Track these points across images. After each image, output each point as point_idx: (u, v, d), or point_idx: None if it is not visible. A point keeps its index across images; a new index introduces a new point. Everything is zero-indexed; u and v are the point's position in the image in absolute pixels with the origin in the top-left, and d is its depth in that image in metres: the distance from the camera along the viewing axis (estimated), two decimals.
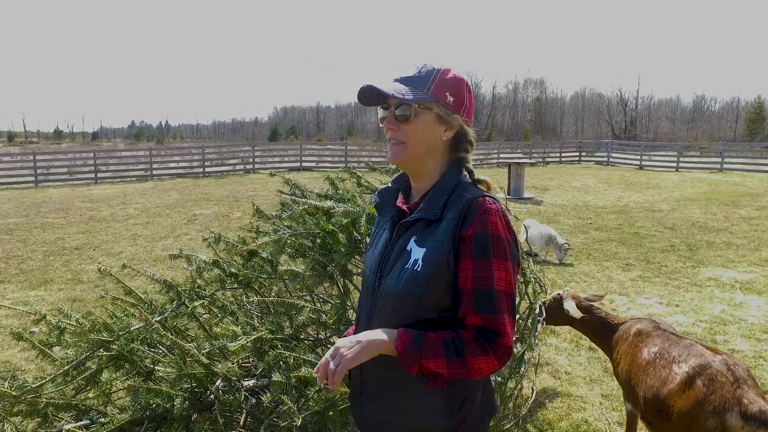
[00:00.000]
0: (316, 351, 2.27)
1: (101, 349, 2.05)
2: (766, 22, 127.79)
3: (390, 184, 1.49)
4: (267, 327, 2.04)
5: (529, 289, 3.38)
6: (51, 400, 1.96)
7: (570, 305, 3.16)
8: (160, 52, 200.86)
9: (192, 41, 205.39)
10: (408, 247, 1.30)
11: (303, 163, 23.15)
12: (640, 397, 2.56)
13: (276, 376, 1.74)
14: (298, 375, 1.78)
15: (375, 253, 1.41)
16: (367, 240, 2.45)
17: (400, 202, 1.43)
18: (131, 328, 2.09)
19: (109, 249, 8.40)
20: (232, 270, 2.31)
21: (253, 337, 1.92)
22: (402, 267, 1.29)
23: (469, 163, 1.39)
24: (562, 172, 21.84)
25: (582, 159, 27.48)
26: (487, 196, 1.29)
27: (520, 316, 3.35)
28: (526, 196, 14.04)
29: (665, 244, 8.54)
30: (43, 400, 1.95)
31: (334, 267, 2.21)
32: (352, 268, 2.42)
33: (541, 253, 7.55)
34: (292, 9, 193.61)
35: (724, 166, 21.71)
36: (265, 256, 2.37)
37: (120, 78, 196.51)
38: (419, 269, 1.25)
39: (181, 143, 69.80)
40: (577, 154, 27.86)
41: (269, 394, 1.77)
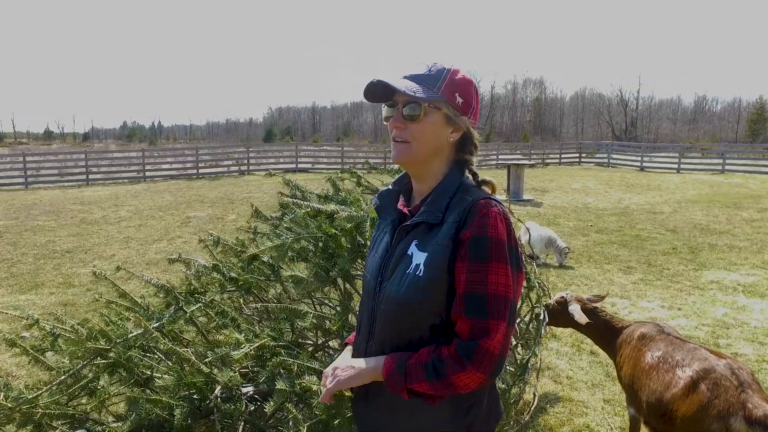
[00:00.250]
0: (317, 357, 2.27)
1: (98, 357, 2.04)
2: None
3: (390, 186, 1.47)
4: (269, 333, 2.04)
5: (533, 294, 3.37)
6: (47, 410, 1.95)
7: (575, 309, 3.12)
8: (153, 51, 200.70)
9: (185, 40, 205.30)
10: (409, 252, 1.29)
11: (299, 165, 23.15)
12: (643, 402, 2.58)
13: (280, 384, 1.74)
14: (302, 383, 1.77)
15: (376, 257, 1.40)
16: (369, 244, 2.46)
17: (401, 204, 1.42)
18: (129, 336, 2.09)
19: (101, 252, 8.38)
20: (232, 275, 2.31)
21: (256, 344, 1.92)
22: (403, 272, 1.28)
23: (472, 165, 1.39)
24: (561, 173, 21.89)
25: (582, 160, 27.56)
26: (489, 198, 1.28)
27: (523, 321, 3.34)
28: (525, 198, 14.07)
29: (667, 246, 8.57)
30: (39, 410, 1.94)
31: (338, 272, 2.21)
32: (355, 272, 2.42)
33: (541, 256, 7.57)
34: (289, 8, 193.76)
35: (726, 167, 21.81)
36: (266, 260, 2.36)
37: (112, 77, 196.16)
38: (421, 274, 1.25)
39: (174, 144, 69.73)
40: (577, 155, 27.95)
41: (272, 403, 1.77)
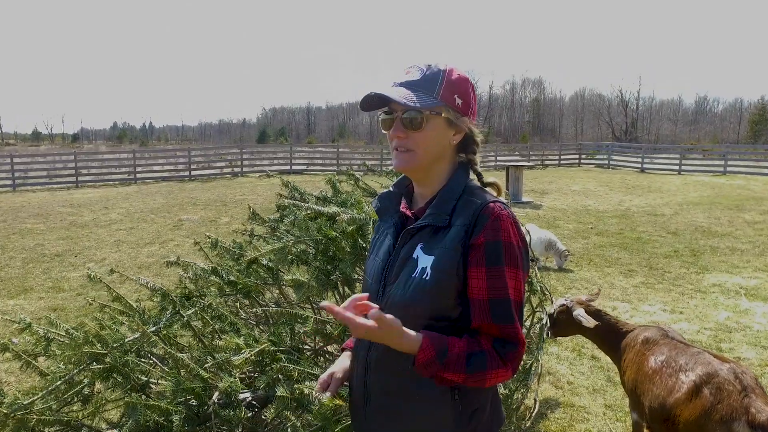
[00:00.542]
0: (318, 362, 2.28)
1: (93, 362, 2.05)
2: None
3: (391, 188, 1.48)
4: (269, 338, 2.05)
5: (534, 297, 3.38)
6: (42, 417, 1.96)
7: (581, 314, 3.09)
8: (144, 50, 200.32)
9: (177, 39, 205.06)
10: (414, 255, 1.29)
11: (293, 166, 23.17)
12: (645, 407, 2.60)
13: (280, 391, 1.74)
14: (301, 388, 1.78)
15: (377, 261, 1.40)
16: None
17: (404, 207, 1.42)
18: (126, 340, 2.09)
19: (92, 256, 8.36)
20: (231, 278, 2.31)
21: (256, 349, 1.92)
22: (409, 275, 1.28)
23: (476, 164, 1.40)
24: (561, 175, 21.96)
25: (582, 162, 27.66)
26: (497, 201, 1.29)
27: (524, 326, 3.35)
28: (524, 200, 14.11)
29: (668, 249, 8.62)
30: (34, 416, 1.94)
31: (338, 275, 2.22)
32: (357, 276, 2.43)
33: (540, 259, 7.60)
34: (284, 7, 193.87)
35: (728, 169, 21.94)
36: (265, 263, 2.37)
37: (102, 77, 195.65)
38: (428, 278, 1.25)
39: (166, 145, 69.56)
40: (576, 156, 28.05)
41: (273, 410, 1.77)
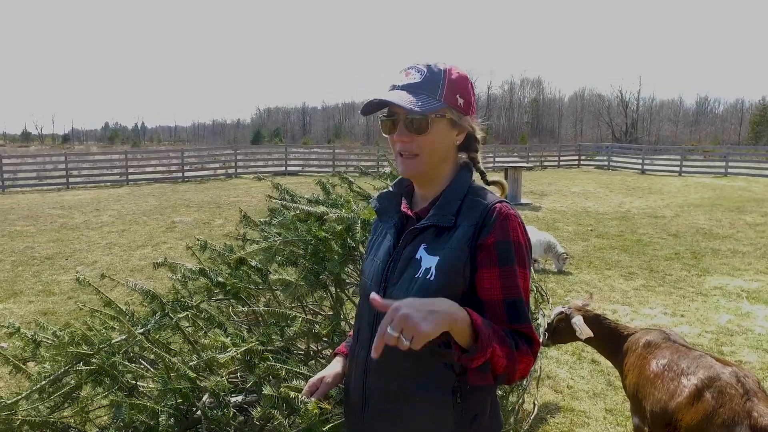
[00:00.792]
0: (308, 364, 2.27)
1: (80, 363, 2.04)
2: None
3: (391, 188, 1.47)
4: (257, 338, 2.04)
5: (531, 299, 3.38)
6: (27, 418, 1.94)
7: (577, 322, 3.05)
8: (137, 49, 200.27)
9: (170, 38, 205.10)
10: (418, 256, 1.28)
11: (288, 167, 23.17)
12: (647, 411, 2.59)
13: (267, 390, 1.74)
14: (290, 387, 1.77)
15: (376, 262, 1.39)
16: (362, 248, 2.46)
17: (404, 207, 1.42)
18: (113, 341, 2.09)
19: (83, 258, 8.33)
20: (220, 279, 2.31)
21: (243, 348, 1.92)
22: (412, 276, 1.27)
23: (479, 162, 1.40)
24: (560, 176, 22.02)
25: (581, 163, 27.75)
26: (504, 201, 1.29)
27: None
28: (523, 201, 14.13)
29: (669, 251, 8.64)
30: (19, 417, 1.93)
31: (327, 276, 2.22)
32: (345, 277, 2.43)
33: (539, 261, 7.61)
34: (279, 6, 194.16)
35: (729, 170, 22.04)
36: (254, 264, 2.37)
37: (93, 76, 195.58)
38: (432, 278, 1.24)
39: (159, 146, 69.64)
40: (576, 157, 28.14)
41: (259, 408, 1.77)
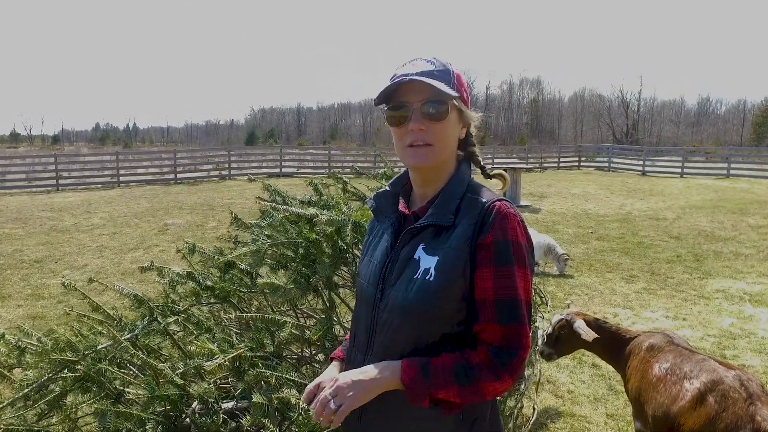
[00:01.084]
0: (300, 370, 2.26)
1: (65, 370, 2.02)
2: None
3: (387, 187, 1.45)
4: (246, 344, 2.03)
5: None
6: (10, 427, 1.92)
7: (580, 326, 3.04)
8: (128, 48, 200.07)
9: (162, 37, 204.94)
10: (416, 256, 1.27)
11: (283, 169, 23.15)
12: (649, 416, 2.58)
13: (256, 397, 1.72)
14: (281, 396, 1.76)
15: (373, 263, 1.37)
16: (354, 250, 2.45)
17: (402, 206, 1.40)
18: (98, 347, 2.07)
19: (73, 262, 8.30)
20: (208, 283, 2.29)
21: (231, 355, 1.90)
22: (411, 277, 1.26)
23: (478, 156, 1.39)
24: (560, 178, 22.05)
25: (581, 164, 27.79)
26: (503, 200, 1.28)
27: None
28: (522, 203, 14.14)
29: (670, 254, 8.64)
30: (1, 426, 1.91)
31: (318, 279, 2.20)
32: (338, 279, 2.42)
33: (540, 263, 7.60)
34: (275, 5, 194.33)
35: (731, 172, 22.10)
36: (243, 267, 2.35)
37: (83, 76, 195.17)
38: (431, 279, 1.23)
39: (151, 147, 69.58)
40: (576, 159, 28.17)
41: (249, 417, 1.75)
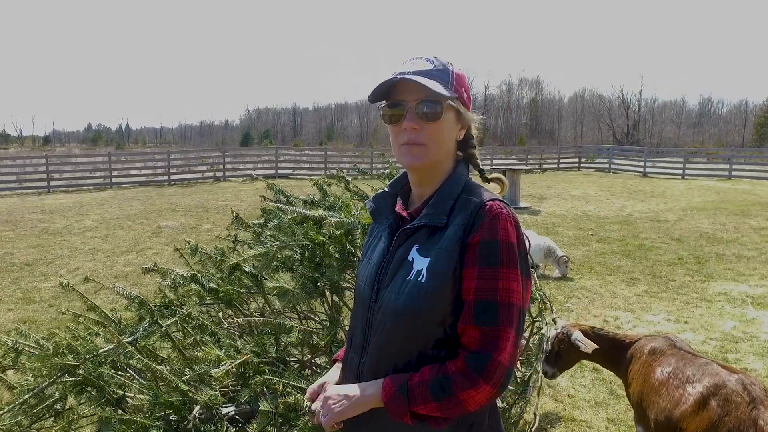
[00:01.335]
0: (304, 374, 2.27)
1: (65, 375, 2.03)
2: None
3: (386, 189, 1.47)
4: (251, 349, 2.03)
5: (533, 306, 3.38)
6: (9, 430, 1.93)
7: (579, 337, 3.05)
8: (121, 47, 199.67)
9: (156, 36, 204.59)
10: (410, 257, 1.28)
11: (278, 170, 23.11)
12: (651, 420, 2.60)
13: (263, 405, 1.73)
14: (287, 402, 1.77)
15: (370, 264, 1.39)
16: (360, 253, 2.46)
17: (399, 207, 1.41)
18: (99, 351, 2.07)
19: (65, 265, 8.28)
20: (212, 285, 2.30)
21: (238, 361, 1.91)
22: (403, 278, 1.27)
23: (477, 158, 1.40)
24: (560, 179, 22.09)
25: (581, 165, 27.84)
26: (497, 199, 1.28)
27: (522, 336, 3.33)
28: (522, 205, 14.17)
29: (672, 256, 8.68)
30: (1, 428, 1.92)
31: (325, 283, 2.21)
32: (344, 284, 2.42)
33: (540, 266, 7.62)
34: (271, 4, 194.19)
35: (733, 173, 22.17)
36: (248, 270, 2.36)
37: (75, 75, 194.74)
38: (423, 280, 1.24)
39: (144, 148, 69.48)
40: (576, 160, 28.23)
41: (256, 425, 1.76)
